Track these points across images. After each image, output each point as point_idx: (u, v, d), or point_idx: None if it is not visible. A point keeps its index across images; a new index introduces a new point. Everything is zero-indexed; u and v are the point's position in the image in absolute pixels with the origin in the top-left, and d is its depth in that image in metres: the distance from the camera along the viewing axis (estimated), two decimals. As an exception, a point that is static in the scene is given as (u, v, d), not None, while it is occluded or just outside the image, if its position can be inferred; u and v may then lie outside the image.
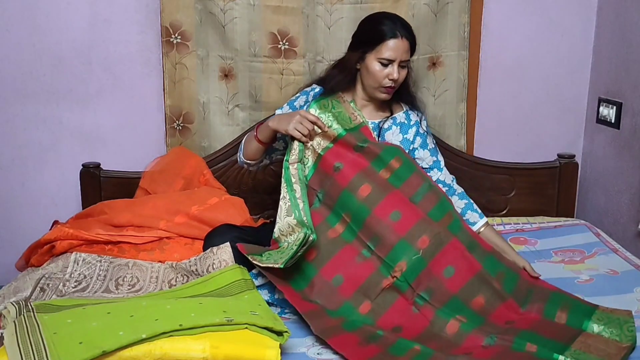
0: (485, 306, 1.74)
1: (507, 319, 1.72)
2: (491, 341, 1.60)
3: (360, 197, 1.85)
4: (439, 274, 1.76)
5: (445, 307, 1.71)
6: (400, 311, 1.73)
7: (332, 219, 1.88)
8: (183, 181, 2.34)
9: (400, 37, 2.01)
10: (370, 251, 1.81)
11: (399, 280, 1.75)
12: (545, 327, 1.67)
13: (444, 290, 1.74)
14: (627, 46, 2.40)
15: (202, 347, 1.37)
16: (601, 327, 1.64)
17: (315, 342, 1.61)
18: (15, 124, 2.49)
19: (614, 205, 2.50)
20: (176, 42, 2.44)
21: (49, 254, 2.02)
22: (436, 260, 1.77)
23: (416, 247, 1.78)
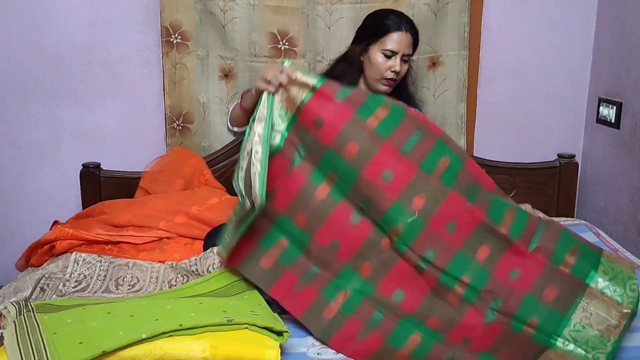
0: (491, 254, 1.65)
1: (513, 267, 1.64)
2: (492, 317, 1.58)
3: (348, 157, 1.66)
4: (440, 231, 1.65)
5: (449, 267, 1.62)
6: (402, 274, 1.64)
7: (317, 177, 1.69)
8: (183, 181, 2.34)
9: (405, 30, 2.07)
10: (363, 212, 1.68)
11: (396, 242, 1.65)
12: (548, 282, 1.61)
13: (447, 247, 1.64)
14: (627, 46, 2.40)
15: (202, 347, 1.37)
16: (606, 282, 1.60)
17: (315, 342, 1.61)
18: (15, 124, 2.49)
19: (614, 205, 2.50)
20: (176, 42, 2.44)
21: (49, 254, 2.02)
22: (436, 218, 1.65)
23: (411, 209, 1.65)
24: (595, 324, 1.54)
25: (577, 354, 1.51)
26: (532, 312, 1.57)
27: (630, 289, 1.59)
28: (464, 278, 1.62)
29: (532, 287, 1.61)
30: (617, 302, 1.57)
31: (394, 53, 2.06)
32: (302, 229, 1.68)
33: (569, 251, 1.66)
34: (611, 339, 1.53)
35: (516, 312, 1.58)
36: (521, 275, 1.63)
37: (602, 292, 1.59)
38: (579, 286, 1.61)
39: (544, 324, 1.55)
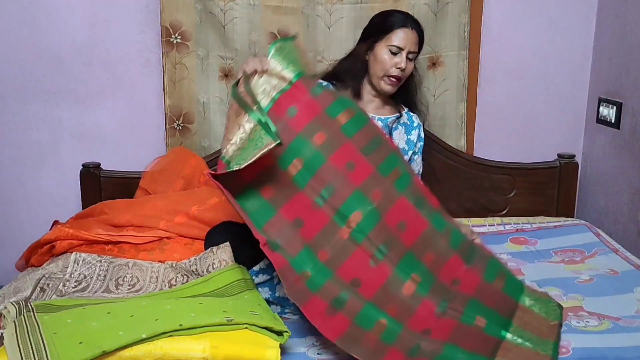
0: (435, 260, 1.74)
1: (454, 277, 1.74)
2: (443, 309, 1.66)
3: (316, 143, 1.75)
4: (393, 227, 1.73)
5: (402, 262, 1.70)
6: (359, 263, 1.69)
7: (283, 162, 1.75)
8: (183, 181, 2.34)
9: (411, 28, 2.09)
10: (324, 200, 1.73)
11: (355, 230, 1.70)
12: (487, 293, 1.73)
13: (400, 243, 1.72)
14: (627, 46, 2.40)
15: (202, 347, 1.37)
16: (532, 302, 1.75)
17: (315, 342, 1.61)
18: (15, 124, 2.49)
19: (614, 205, 2.50)
20: (176, 42, 2.44)
21: (49, 254, 2.02)
22: (389, 214, 1.74)
23: (371, 198, 1.73)
24: (533, 330, 1.65)
25: (527, 347, 1.59)
26: (479, 312, 1.67)
27: (552, 309, 1.74)
28: (414, 276, 1.70)
29: (476, 292, 1.72)
30: (544, 318, 1.70)
31: (400, 49, 2.07)
32: (268, 200, 1.71)
33: (498, 275, 1.79)
34: (549, 340, 1.62)
35: (465, 309, 1.67)
36: (463, 284, 1.73)
37: (531, 309, 1.73)
38: (511, 302, 1.74)
39: (491, 322, 1.65)
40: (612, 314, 1.76)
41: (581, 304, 1.83)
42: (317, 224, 1.70)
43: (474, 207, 2.60)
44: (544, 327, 1.66)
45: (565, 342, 1.60)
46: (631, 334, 1.65)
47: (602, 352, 1.56)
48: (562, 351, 1.57)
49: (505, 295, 1.75)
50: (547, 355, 1.55)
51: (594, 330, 1.68)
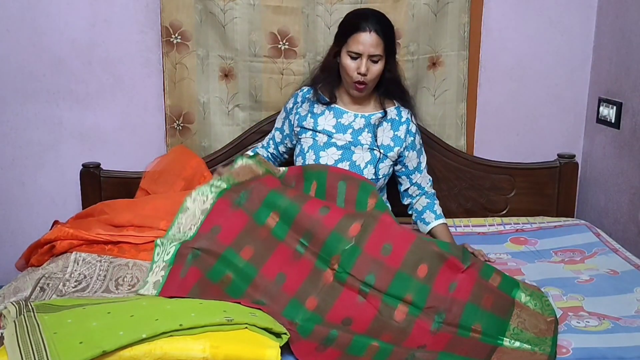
0: (429, 271, 1.74)
1: (451, 280, 1.74)
2: (437, 325, 1.66)
3: (289, 196, 1.85)
4: (376, 255, 1.75)
5: (391, 287, 1.71)
6: (347, 302, 1.70)
7: (260, 216, 1.84)
8: (184, 183, 2.33)
9: (369, 30, 2.02)
10: (304, 247, 1.78)
11: (338, 271, 1.73)
12: (484, 293, 1.73)
13: (387, 268, 1.73)
14: (627, 46, 2.40)
15: (202, 347, 1.37)
16: (527, 298, 1.76)
17: (315, 342, 1.61)
18: (15, 124, 2.49)
19: (614, 205, 2.50)
20: (176, 42, 2.44)
21: (49, 254, 2.02)
22: (370, 243, 1.76)
23: (348, 236, 1.76)
24: (530, 328, 1.66)
25: (525, 349, 1.59)
26: (475, 319, 1.67)
27: (545, 304, 1.75)
28: (407, 297, 1.70)
29: (471, 295, 1.72)
30: (540, 314, 1.71)
31: (358, 55, 2.03)
32: (249, 261, 1.75)
33: (494, 274, 1.81)
34: (547, 337, 1.62)
35: (460, 321, 1.67)
36: (459, 287, 1.74)
37: (527, 305, 1.74)
38: (507, 298, 1.75)
39: (487, 329, 1.65)
40: (612, 314, 1.76)
41: (581, 304, 1.83)
42: (301, 274, 1.75)
43: (474, 207, 2.60)
44: (542, 324, 1.67)
45: (565, 342, 1.60)
46: (631, 334, 1.65)
47: (602, 352, 1.56)
48: (562, 351, 1.57)
49: (501, 292, 1.76)
50: (545, 353, 1.55)
51: (594, 330, 1.68)
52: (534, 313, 1.71)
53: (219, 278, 1.72)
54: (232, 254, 1.75)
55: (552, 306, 1.75)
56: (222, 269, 1.73)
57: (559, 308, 1.80)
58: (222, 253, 1.75)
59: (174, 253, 1.76)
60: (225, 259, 1.75)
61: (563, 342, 1.60)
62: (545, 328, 1.66)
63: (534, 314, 1.71)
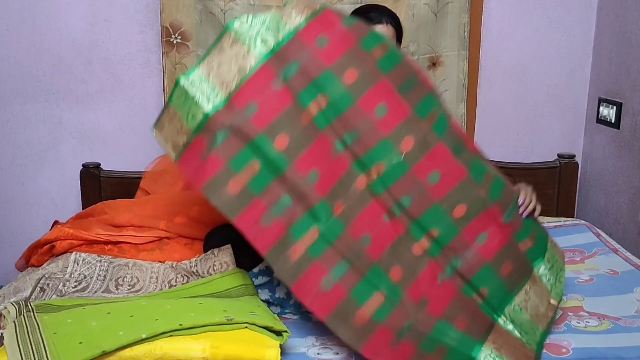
0: (466, 214, 1.62)
1: (483, 230, 1.63)
2: (448, 274, 1.59)
3: (346, 82, 1.57)
4: (423, 179, 1.60)
5: (423, 217, 1.59)
6: (371, 218, 1.56)
7: (305, 98, 1.55)
8: (184, 183, 2.33)
9: (386, 23, 2.00)
10: (345, 145, 1.57)
11: (375, 182, 1.57)
12: (506, 257, 1.64)
13: (427, 196, 1.60)
14: (627, 46, 2.40)
15: (202, 346, 1.37)
16: (545, 271, 1.69)
17: (315, 342, 1.61)
18: (15, 124, 2.49)
19: (614, 205, 2.50)
20: (176, 42, 2.44)
21: (49, 254, 2.02)
22: (421, 165, 1.60)
23: (399, 149, 1.58)
24: (530, 309, 1.61)
25: (515, 335, 1.57)
26: (486, 282, 1.60)
27: (559, 281, 1.67)
28: (433, 231, 1.59)
29: (494, 258, 1.62)
30: (548, 291, 1.65)
31: None
32: (282, 153, 1.53)
33: (530, 234, 1.70)
34: (540, 327, 1.59)
35: (472, 278, 1.59)
36: (487, 242, 1.62)
37: (540, 278, 1.66)
38: (527, 268, 1.67)
39: (492, 297, 1.60)
40: (612, 314, 1.76)
41: (581, 304, 1.83)
42: (334, 173, 1.56)
43: (474, 207, 2.60)
44: (543, 306, 1.62)
45: (565, 342, 1.60)
46: (631, 334, 1.65)
47: (602, 352, 1.56)
48: (562, 351, 1.57)
49: (524, 259, 1.67)
50: (532, 350, 1.54)
51: (594, 330, 1.68)
52: (542, 289, 1.65)
53: (241, 167, 1.50)
54: (263, 141, 1.51)
55: (562, 286, 1.70)
56: (247, 156, 1.50)
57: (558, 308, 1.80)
58: (253, 138, 1.51)
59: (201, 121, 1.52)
60: (255, 145, 1.51)
61: (563, 342, 1.60)
62: (544, 312, 1.62)
63: (541, 290, 1.65)
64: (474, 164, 1.66)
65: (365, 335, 1.48)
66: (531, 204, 1.75)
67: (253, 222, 1.50)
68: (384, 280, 1.53)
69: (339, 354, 1.55)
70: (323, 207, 1.53)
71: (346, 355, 1.54)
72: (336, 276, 1.50)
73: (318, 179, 1.54)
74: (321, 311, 1.48)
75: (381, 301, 1.51)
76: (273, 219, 1.50)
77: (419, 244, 1.59)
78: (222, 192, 1.49)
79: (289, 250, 1.50)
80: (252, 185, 1.50)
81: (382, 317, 1.50)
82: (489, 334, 1.56)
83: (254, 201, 1.50)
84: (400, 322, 1.51)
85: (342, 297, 1.49)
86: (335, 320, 1.48)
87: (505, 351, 1.56)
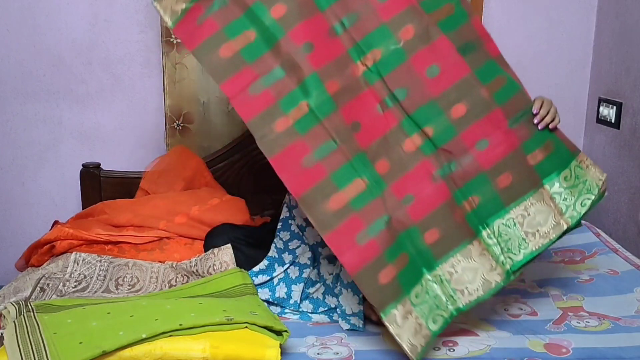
0: (466, 115, 1.57)
1: (483, 136, 1.57)
2: (442, 173, 1.54)
3: None
4: (420, 71, 1.55)
5: (417, 112, 1.55)
6: (364, 106, 1.54)
7: None
8: (184, 183, 2.34)
9: None
10: (343, 28, 1.55)
11: (370, 70, 1.54)
12: (508, 168, 1.57)
13: (423, 91, 1.55)
14: (627, 46, 2.40)
15: (202, 346, 1.37)
16: (561, 189, 1.59)
17: (315, 342, 1.61)
18: (15, 124, 2.49)
19: (614, 205, 2.50)
20: (176, 42, 2.44)
21: (49, 254, 2.02)
22: (419, 56, 1.55)
23: (397, 36, 1.54)
24: (526, 226, 1.55)
25: (492, 252, 1.53)
26: (478, 191, 1.56)
27: (582, 204, 1.58)
28: (427, 129, 1.55)
29: (493, 166, 1.57)
30: (561, 211, 1.57)
31: None
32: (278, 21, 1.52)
33: (543, 145, 1.61)
34: (529, 247, 1.54)
35: (464, 184, 1.55)
36: (488, 149, 1.57)
37: (552, 197, 1.58)
38: (534, 183, 1.59)
39: (482, 208, 1.55)
40: (612, 314, 1.76)
41: (581, 304, 1.83)
42: (329, 53, 1.52)
43: (474, 207, 2.59)
44: (546, 225, 1.56)
45: (565, 342, 1.60)
46: (631, 334, 1.65)
47: (602, 352, 1.56)
48: (562, 351, 1.57)
49: (533, 173, 1.58)
50: (501, 274, 1.52)
51: (594, 330, 1.68)
52: (550, 207, 1.57)
53: (236, 34, 1.50)
54: (260, 9, 1.51)
55: (585, 209, 1.58)
56: (243, 25, 1.51)
57: (559, 308, 1.80)
58: (250, 5, 1.51)
59: None
60: (252, 13, 1.51)
61: (563, 342, 1.60)
62: (545, 231, 1.55)
63: (550, 209, 1.57)
64: (486, 65, 1.60)
65: (336, 221, 1.45)
66: (549, 115, 1.64)
67: (240, 89, 1.48)
68: (369, 169, 1.50)
69: (339, 354, 1.55)
70: (315, 82, 1.49)
71: (346, 355, 1.54)
72: (319, 155, 1.47)
73: (312, 51, 1.50)
74: (297, 188, 1.46)
75: (362, 188, 1.48)
76: (262, 88, 1.49)
77: (411, 140, 1.55)
78: (212, 55, 1.49)
79: (275, 122, 1.47)
80: (244, 53, 1.49)
81: (358, 204, 1.47)
82: (459, 252, 1.52)
83: (244, 68, 1.49)
84: (376, 214, 1.48)
85: (321, 177, 1.46)
86: (309, 199, 1.45)
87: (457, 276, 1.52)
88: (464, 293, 1.53)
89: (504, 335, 1.65)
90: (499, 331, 1.67)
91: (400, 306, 1.46)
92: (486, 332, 1.66)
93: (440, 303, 1.51)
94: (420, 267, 1.51)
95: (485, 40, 1.64)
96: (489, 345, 1.59)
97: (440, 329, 1.51)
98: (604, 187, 1.63)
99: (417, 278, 1.50)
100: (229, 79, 1.49)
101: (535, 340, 1.62)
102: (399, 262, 1.48)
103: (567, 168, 1.62)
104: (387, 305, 1.45)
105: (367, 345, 1.60)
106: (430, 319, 1.49)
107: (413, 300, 1.48)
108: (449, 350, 1.57)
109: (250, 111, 1.48)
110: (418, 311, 1.48)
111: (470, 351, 1.56)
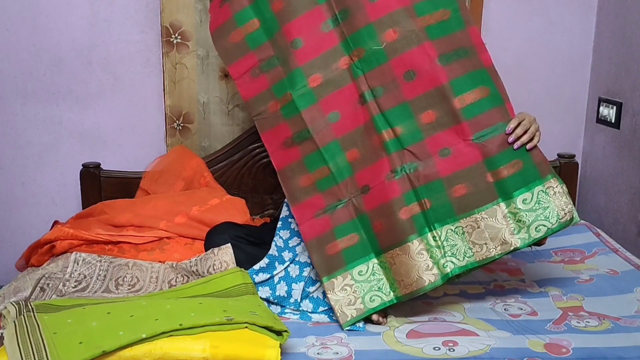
0: (434, 124, 1.65)
1: (446, 145, 1.64)
2: (398, 175, 1.65)
3: None
4: (399, 74, 1.65)
5: (390, 112, 1.65)
6: (345, 98, 1.69)
7: None
8: (184, 183, 2.34)
9: None
10: (336, 23, 1.69)
11: (356, 65, 1.68)
12: (467, 179, 1.63)
13: (398, 93, 1.65)
14: (627, 46, 2.40)
15: (202, 346, 1.37)
16: (516, 210, 1.61)
17: (315, 342, 1.61)
18: (15, 124, 2.49)
19: (614, 205, 2.50)
20: (176, 42, 2.44)
21: (49, 254, 2.02)
22: (400, 59, 1.65)
23: (381, 37, 1.65)
24: (474, 236, 1.63)
25: (432, 254, 1.62)
26: (433, 196, 1.64)
27: (536, 229, 1.62)
28: (397, 128, 1.66)
29: (449, 176, 1.64)
30: (512, 231, 1.63)
31: None
32: (276, 14, 1.72)
33: (509, 163, 1.63)
34: (474, 257, 1.62)
35: (420, 186, 1.64)
36: (449, 159, 1.64)
37: (506, 215, 1.62)
38: (490, 198, 1.63)
39: (433, 212, 1.64)
40: (612, 314, 1.76)
41: (581, 304, 1.83)
42: (320, 46, 1.70)
43: (474, 207, 2.59)
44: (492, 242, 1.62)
45: (565, 342, 1.60)
46: (631, 334, 1.65)
47: (602, 352, 1.56)
48: (562, 351, 1.57)
49: (490, 189, 1.62)
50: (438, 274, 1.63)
51: (594, 330, 1.68)
52: (502, 225, 1.60)
53: (243, 22, 1.75)
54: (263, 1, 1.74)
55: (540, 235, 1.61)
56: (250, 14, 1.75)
57: (559, 308, 1.80)
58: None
59: None
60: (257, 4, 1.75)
61: (563, 342, 1.60)
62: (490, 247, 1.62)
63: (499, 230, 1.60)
64: (471, 74, 1.64)
65: (303, 196, 1.72)
66: (526, 135, 1.62)
67: (244, 71, 1.77)
68: (339, 157, 1.68)
69: (339, 354, 1.55)
70: (299, 76, 1.69)
71: (346, 355, 1.54)
72: (297, 140, 1.71)
73: (301, 47, 1.69)
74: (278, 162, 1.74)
75: (326, 174, 1.70)
76: (260, 73, 1.75)
77: (380, 136, 1.67)
78: (225, 40, 1.78)
79: (268, 104, 1.74)
80: (249, 39, 1.75)
81: (323, 187, 1.70)
82: (398, 247, 1.63)
83: (248, 54, 1.76)
84: (335, 197, 1.70)
85: (297, 158, 1.71)
86: (286, 174, 1.73)
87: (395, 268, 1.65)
88: (401, 284, 1.66)
89: (504, 335, 1.65)
90: (499, 331, 1.67)
91: (340, 277, 1.69)
92: (486, 332, 1.66)
93: (384, 287, 1.68)
94: (369, 250, 1.70)
95: (479, 50, 1.68)
96: (489, 345, 1.59)
97: (375, 309, 1.68)
98: (566, 218, 1.64)
99: (363, 259, 1.70)
100: (235, 63, 1.78)
101: (535, 340, 1.62)
102: (347, 241, 1.70)
103: (528, 191, 1.64)
104: (329, 274, 1.70)
105: (367, 345, 1.60)
106: (368, 296, 1.68)
107: (355, 276, 1.69)
108: (449, 350, 1.57)
109: (249, 92, 1.77)
110: (358, 287, 1.68)
111: (470, 351, 1.56)
